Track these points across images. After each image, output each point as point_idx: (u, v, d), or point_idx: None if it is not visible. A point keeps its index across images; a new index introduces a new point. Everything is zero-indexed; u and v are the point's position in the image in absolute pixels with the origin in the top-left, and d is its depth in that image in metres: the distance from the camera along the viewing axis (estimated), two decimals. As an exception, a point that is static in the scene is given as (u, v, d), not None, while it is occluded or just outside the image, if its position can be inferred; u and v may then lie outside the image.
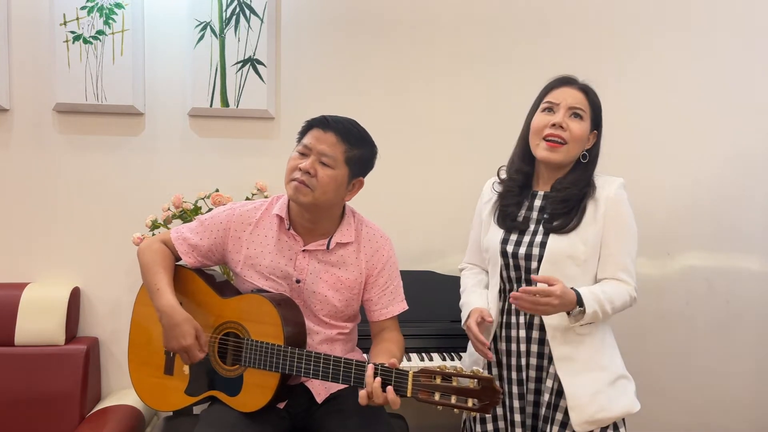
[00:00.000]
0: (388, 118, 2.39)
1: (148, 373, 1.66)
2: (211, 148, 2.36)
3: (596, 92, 1.69)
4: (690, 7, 2.47)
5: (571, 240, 1.60)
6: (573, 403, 1.55)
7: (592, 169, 1.69)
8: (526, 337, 1.63)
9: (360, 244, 1.65)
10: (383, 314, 1.67)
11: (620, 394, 1.60)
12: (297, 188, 1.52)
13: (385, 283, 1.67)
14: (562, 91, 1.66)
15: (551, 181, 1.68)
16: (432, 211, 2.41)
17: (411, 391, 1.38)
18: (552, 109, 1.64)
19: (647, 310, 2.48)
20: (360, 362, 1.46)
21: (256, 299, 1.58)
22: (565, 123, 1.61)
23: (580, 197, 1.63)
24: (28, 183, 2.29)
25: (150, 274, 1.59)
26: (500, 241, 1.66)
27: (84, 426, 2.00)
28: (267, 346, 1.52)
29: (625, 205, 1.64)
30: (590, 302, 1.52)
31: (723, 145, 2.50)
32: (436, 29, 2.41)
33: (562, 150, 1.62)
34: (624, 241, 1.63)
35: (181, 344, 1.50)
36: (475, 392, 1.33)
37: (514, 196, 1.69)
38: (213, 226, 1.65)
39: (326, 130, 1.53)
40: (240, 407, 1.54)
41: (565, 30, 2.44)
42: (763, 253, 2.52)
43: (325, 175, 1.52)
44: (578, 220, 1.61)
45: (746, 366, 2.55)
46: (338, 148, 1.53)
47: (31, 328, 2.12)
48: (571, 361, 1.58)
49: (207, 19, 2.28)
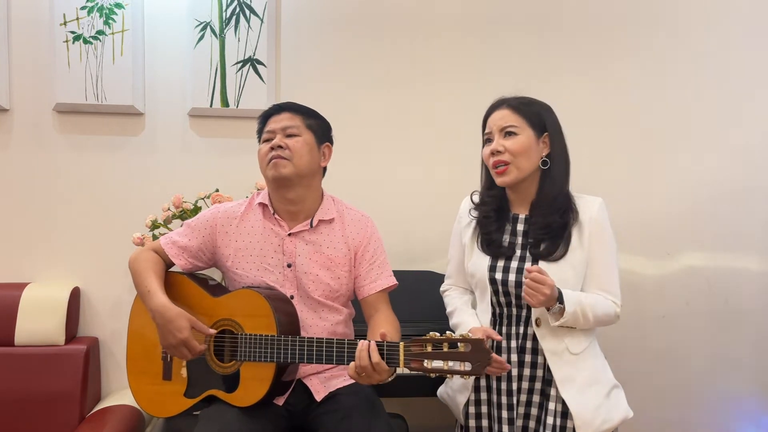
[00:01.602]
0: (388, 117, 2.39)
1: (147, 382, 1.67)
2: (211, 148, 2.36)
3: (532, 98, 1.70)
4: (690, 6, 2.47)
5: (560, 267, 1.61)
6: (580, 421, 1.55)
7: (560, 176, 1.68)
8: (518, 361, 1.63)
9: (344, 223, 1.71)
10: (372, 288, 1.70)
11: (616, 403, 1.63)
12: (276, 164, 1.62)
13: (372, 256, 1.71)
14: (492, 117, 1.69)
15: (525, 201, 1.70)
16: (432, 211, 2.41)
17: (403, 362, 1.41)
18: (490, 138, 1.68)
19: (647, 310, 2.48)
20: (352, 341, 1.48)
21: (246, 294, 1.60)
22: (501, 146, 1.64)
23: (562, 223, 1.64)
24: (28, 183, 2.29)
25: (140, 279, 1.62)
26: (488, 268, 1.66)
27: (84, 426, 2.00)
28: (261, 338, 1.53)
29: (607, 225, 1.67)
30: (571, 302, 1.55)
31: (723, 145, 2.50)
32: (436, 29, 2.41)
33: (510, 170, 1.64)
34: (608, 260, 1.65)
35: (178, 338, 1.51)
36: (466, 355, 1.36)
37: (493, 222, 1.70)
38: (200, 226, 1.70)
39: (280, 112, 1.68)
40: (238, 402, 1.55)
41: (566, 30, 2.44)
42: (762, 253, 2.52)
43: (294, 142, 1.64)
44: (565, 248, 1.63)
45: (746, 366, 2.55)
46: (296, 119, 1.67)
47: (31, 328, 2.12)
48: (572, 381, 1.58)
49: (207, 19, 2.28)
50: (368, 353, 1.42)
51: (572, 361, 1.60)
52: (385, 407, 1.66)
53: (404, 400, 2.16)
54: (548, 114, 1.70)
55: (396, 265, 1.83)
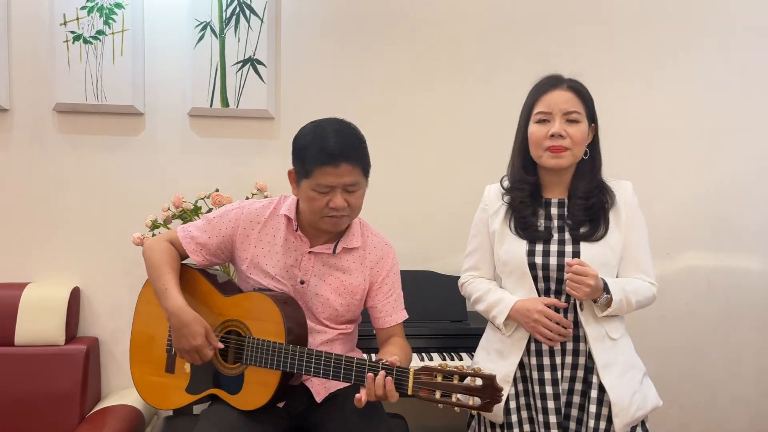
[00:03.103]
0: (388, 117, 2.39)
1: (149, 372, 1.66)
2: (211, 148, 2.36)
3: (584, 84, 1.66)
4: (691, 7, 2.47)
5: (602, 248, 1.60)
6: (617, 409, 1.54)
7: (599, 166, 1.69)
8: (561, 349, 1.61)
9: (365, 251, 1.67)
10: (388, 321, 1.68)
11: (649, 389, 1.62)
12: (336, 223, 1.56)
13: (389, 290, 1.68)
14: (552, 96, 1.62)
15: (560, 186, 1.67)
16: (433, 211, 2.41)
17: (412, 389, 1.39)
18: (547, 119, 1.62)
19: (647, 309, 2.46)
20: (361, 360, 1.46)
21: (258, 297, 1.58)
22: (563, 131, 1.59)
23: (601, 204, 1.64)
24: (28, 183, 2.29)
25: (157, 275, 1.59)
26: (526, 253, 1.62)
27: (84, 426, 2.00)
28: (268, 344, 1.52)
29: (639, 209, 1.67)
30: (617, 291, 1.55)
31: (723, 146, 2.50)
32: (436, 29, 2.41)
33: (567, 155, 1.60)
34: (643, 243, 1.66)
35: (191, 344, 1.50)
36: (477, 390, 1.34)
37: (528, 206, 1.66)
38: (221, 225, 1.65)
39: (337, 164, 1.48)
40: (240, 405, 1.54)
41: (567, 30, 2.44)
42: (763, 253, 2.52)
43: (356, 198, 1.54)
44: (605, 228, 1.62)
45: (746, 366, 2.55)
46: (356, 171, 1.51)
47: (31, 328, 2.12)
48: (612, 366, 1.57)
49: (207, 19, 2.28)
50: (384, 384, 1.40)
51: (611, 347, 1.59)
52: (385, 407, 1.66)
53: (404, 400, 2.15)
54: (594, 105, 1.67)
55: (396, 264, 1.83)
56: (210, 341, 1.52)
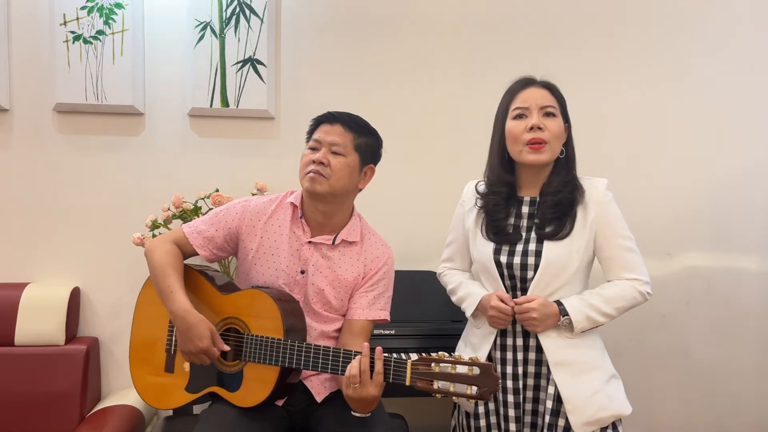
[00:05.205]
0: (388, 117, 2.38)
1: (148, 372, 1.67)
2: (211, 148, 2.36)
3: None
4: (690, 7, 2.47)
5: (565, 247, 1.61)
6: (570, 406, 1.55)
7: (574, 165, 1.69)
8: (524, 345, 1.63)
9: (363, 247, 1.69)
10: (357, 314, 1.65)
11: (616, 392, 1.62)
12: (312, 179, 1.58)
13: (372, 285, 1.67)
14: (528, 93, 1.65)
15: (536, 185, 1.68)
16: (432, 210, 2.40)
17: (410, 379, 1.39)
18: (524, 114, 1.64)
19: (647, 310, 2.45)
20: (359, 352, 1.46)
21: (255, 294, 1.59)
22: (542, 123, 1.61)
23: (570, 201, 1.63)
24: (29, 183, 2.29)
25: (162, 276, 1.59)
26: (493, 251, 1.65)
27: (84, 426, 2.00)
28: (267, 340, 1.53)
29: (613, 206, 1.66)
30: (577, 309, 1.56)
31: (723, 146, 2.50)
32: (436, 29, 2.41)
33: (545, 149, 1.62)
34: (620, 240, 1.64)
35: (197, 346, 1.51)
36: (474, 379, 1.34)
37: (501, 209, 1.68)
38: (228, 217, 1.68)
39: (333, 123, 1.62)
40: (240, 402, 1.54)
41: (565, 30, 2.44)
42: (762, 254, 2.52)
43: (337, 162, 1.59)
44: (570, 227, 1.62)
45: (746, 366, 2.55)
46: (347, 136, 1.61)
47: (31, 328, 2.12)
48: (568, 366, 1.58)
49: (207, 19, 2.28)
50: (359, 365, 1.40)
51: (566, 346, 1.59)
52: (385, 407, 1.66)
53: (404, 400, 2.16)
54: (566, 104, 1.70)
55: (396, 265, 1.82)
56: (215, 343, 1.53)
